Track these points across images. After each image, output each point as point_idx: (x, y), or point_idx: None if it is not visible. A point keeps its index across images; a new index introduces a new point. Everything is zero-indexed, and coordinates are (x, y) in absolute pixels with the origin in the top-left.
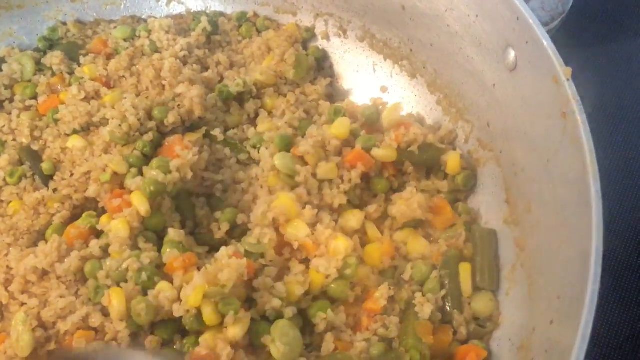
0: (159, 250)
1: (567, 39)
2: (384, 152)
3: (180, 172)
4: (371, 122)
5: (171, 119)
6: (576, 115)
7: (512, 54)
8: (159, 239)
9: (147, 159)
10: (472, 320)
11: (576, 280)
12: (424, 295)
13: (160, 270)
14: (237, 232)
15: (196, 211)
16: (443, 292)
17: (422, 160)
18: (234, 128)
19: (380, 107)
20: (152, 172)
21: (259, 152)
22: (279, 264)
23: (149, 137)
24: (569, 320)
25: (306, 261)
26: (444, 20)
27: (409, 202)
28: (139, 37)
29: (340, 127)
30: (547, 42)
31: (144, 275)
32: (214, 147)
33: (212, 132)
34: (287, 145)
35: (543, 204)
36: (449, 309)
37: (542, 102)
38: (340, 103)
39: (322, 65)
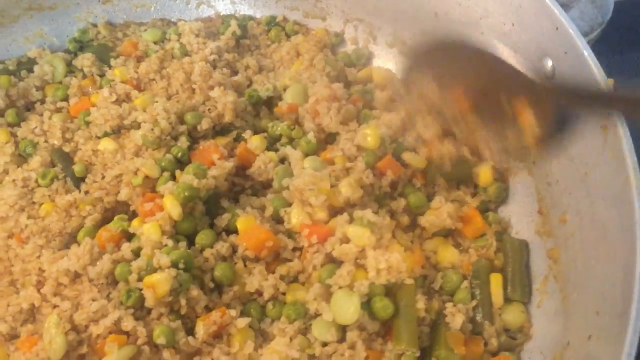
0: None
1: (607, 48)
2: (414, 158)
3: (216, 180)
4: None
5: (205, 125)
6: (618, 128)
7: (549, 63)
8: (190, 243)
9: (179, 162)
10: (503, 332)
11: (618, 297)
12: (454, 305)
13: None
14: None
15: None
16: (474, 303)
17: (453, 175)
18: (263, 132)
19: None
20: (188, 177)
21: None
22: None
23: (183, 142)
24: (610, 337)
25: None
26: (478, 27)
27: (438, 211)
28: (169, 40)
29: (371, 138)
30: (587, 53)
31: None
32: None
33: (243, 136)
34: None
35: (579, 217)
36: (479, 319)
37: (579, 112)
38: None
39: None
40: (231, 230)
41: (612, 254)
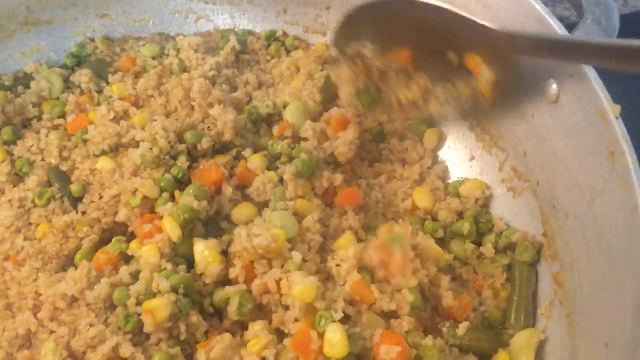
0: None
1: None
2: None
3: (217, 204)
4: None
5: (205, 144)
6: (626, 155)
7: (554, 86)
8: (189, 265)
9: (178, 182)
10: None
11: (628, 330)
12: None
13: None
14: None
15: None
16: None
17: None
18: (262, 149)
19: None
20: (188, 198)
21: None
22: None
23: (182, 162)
24: None
25: None
26: None
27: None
28: (168, 55)
29: None
30: (593, 76)
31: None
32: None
33: (242, 154)
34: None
35: (586, 242)
36: None
37: (586, 137)
38: None
39: None
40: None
41: (621, 283)
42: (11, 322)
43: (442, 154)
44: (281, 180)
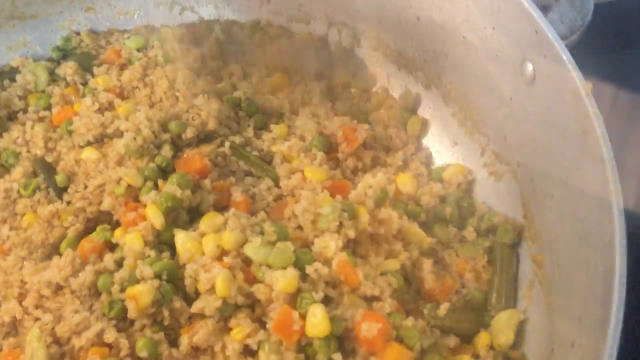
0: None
1: (586, 51)
2: None
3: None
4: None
5: (189, 134)
6: (597, 131)
7: (530, 67)
8: (173, 252)
9: (162, 171)
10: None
11: (598, 303)
12: None
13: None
14: None
15: None
16: None
17: None
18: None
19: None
20: (171, 187)
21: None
22: None
23: (167, 151)
24: (591, 344)
25: None
26: (459, 32)
27: None
28: (152, 47)
29: None
30: (566, 57)
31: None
32: (227, 159)
33: (225, 143)
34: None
35: (562, 221)
36: None
37: (561, 117)
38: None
39: None
40: None
41: (592, 258)
42: None
43: (426, 141)
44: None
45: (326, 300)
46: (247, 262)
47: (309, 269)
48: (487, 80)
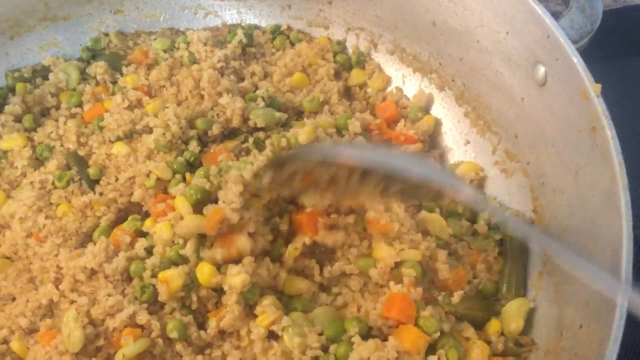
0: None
1: (595, 55)
2: None
3: None
4: None
5: (215, 130)
6: (606, 130)
7: (541, 69)
8: None
9: (189, 165)
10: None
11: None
12: None
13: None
14: None
15: None
16: None
17: None
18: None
19: None
20: (199, 179)
21: None
22: None
23: (194, 146)
24: (599, 325)
25: None
26: (474, 36)
27: None
28: (178, 48)
29: None
30: (577, 60)
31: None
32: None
33: (249, 139)
34: None
35: (571, 214)
36: None
37: (571, 116)
38: None
39: None
40: None
41: (602, 249)
42: (34, 294)
43: (439, 139)
44: None
45: None
46: None
47: None
48: (500, 82)
